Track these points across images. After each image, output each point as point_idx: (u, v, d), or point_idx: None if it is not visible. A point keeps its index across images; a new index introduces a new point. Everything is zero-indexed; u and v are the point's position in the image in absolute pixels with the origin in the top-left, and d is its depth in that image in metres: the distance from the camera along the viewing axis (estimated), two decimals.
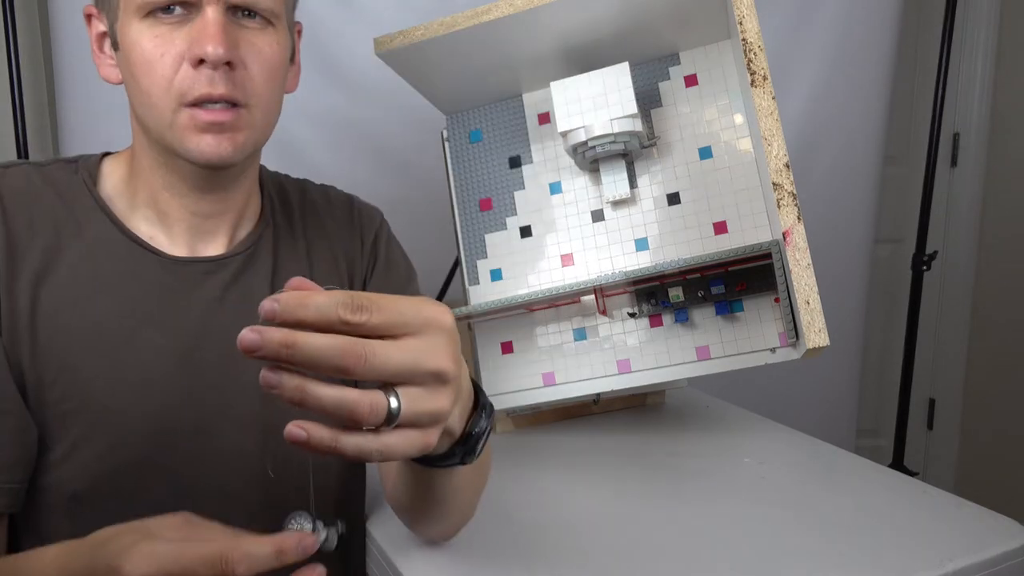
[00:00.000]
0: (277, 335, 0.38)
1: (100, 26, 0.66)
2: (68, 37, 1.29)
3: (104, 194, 0.68)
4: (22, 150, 1.36)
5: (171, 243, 0.69)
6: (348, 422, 0.41)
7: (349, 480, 0.78)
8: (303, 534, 0.44)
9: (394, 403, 0.42)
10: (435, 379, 0.43)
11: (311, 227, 0.77)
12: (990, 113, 2.09)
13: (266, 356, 0.39)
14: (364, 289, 0.79)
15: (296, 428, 0.40)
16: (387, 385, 0.42)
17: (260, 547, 0.42)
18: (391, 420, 0.42)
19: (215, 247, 0.71)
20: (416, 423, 0.44)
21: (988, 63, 2.06)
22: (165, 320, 0.66)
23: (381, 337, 0.41)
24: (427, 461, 0.54)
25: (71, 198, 0.67)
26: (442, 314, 0.44)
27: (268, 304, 0.39)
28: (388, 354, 0.41)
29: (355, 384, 0.42)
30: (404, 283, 0.82)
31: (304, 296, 0.39)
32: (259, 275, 0.72)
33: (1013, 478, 2.04)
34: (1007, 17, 2.04)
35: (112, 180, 0.70)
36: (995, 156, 2.09)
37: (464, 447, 0.52)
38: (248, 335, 0.38)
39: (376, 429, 0.43)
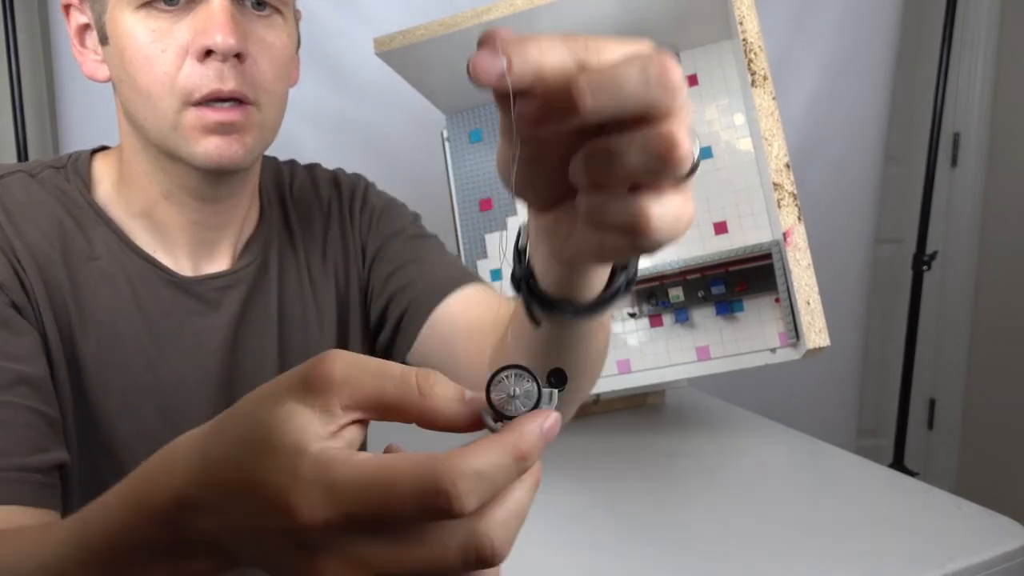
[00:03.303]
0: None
1: (80, 18, 0.61)
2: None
3: (99, 202, 0.63)
4: (22, 150, 1.36)
5: (173, 258, 0.63)
6: (656, 161, 0.29)
7: None
8: (540, 415, 0.29)
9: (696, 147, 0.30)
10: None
11: (304, 226, 0.72)
12: (990, 113, 2.09)
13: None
14: (366, 261, 0.72)
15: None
16: None
17: (491, 457, 0.27)
18: (694, 168, 0.31)
19: (220, 260, 0.66)
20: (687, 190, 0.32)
21: (988, 63, 2.06)
22: (189, 346, 0.63)
23: None
24: (589, 308, 0.41)
25: (73, 209, 0.61)
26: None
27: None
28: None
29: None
30: (409, 219, 0.75)
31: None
32: (271, 287, 0.67)
33: (1013, 478, 2.04)
34: (1007, 17, 2.04)
35: (104, 186, 0.64)
36: (995, 156, 2.09)
37: (626, 272, 0.41)
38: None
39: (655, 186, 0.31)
